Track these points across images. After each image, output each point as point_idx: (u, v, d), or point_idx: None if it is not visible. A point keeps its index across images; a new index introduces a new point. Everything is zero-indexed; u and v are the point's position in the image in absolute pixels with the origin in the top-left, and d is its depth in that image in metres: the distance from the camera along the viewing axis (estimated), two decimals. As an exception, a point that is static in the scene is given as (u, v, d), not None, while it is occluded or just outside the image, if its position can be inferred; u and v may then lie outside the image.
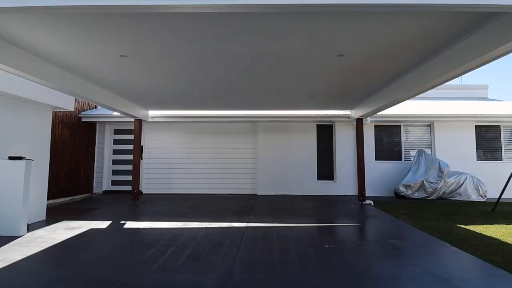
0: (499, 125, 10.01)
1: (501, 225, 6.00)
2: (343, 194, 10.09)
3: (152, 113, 9.80)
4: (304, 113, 9.78)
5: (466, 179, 9.02)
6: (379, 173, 9.96)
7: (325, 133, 10.52)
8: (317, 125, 10.47)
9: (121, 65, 5.15)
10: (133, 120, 9.02)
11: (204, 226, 5.86)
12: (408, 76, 5.43)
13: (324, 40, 4.05)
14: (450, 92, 13.27)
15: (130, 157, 10.22)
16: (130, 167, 10.20)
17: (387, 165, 10.06)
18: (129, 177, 10.28)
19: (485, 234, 5.36)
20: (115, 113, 9.69)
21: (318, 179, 10.27)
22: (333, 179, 10.29)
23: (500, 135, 10.00)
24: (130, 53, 4.60)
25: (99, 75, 5.78)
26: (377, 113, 8.36)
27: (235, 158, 10.58)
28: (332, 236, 5.26)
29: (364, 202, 8.35)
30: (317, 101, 7.90)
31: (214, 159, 10.58)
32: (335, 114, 9.65)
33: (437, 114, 9.59)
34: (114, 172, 10.76)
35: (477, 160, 9.91)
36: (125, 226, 5.85)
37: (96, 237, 5.12)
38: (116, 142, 10.86)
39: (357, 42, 4.12)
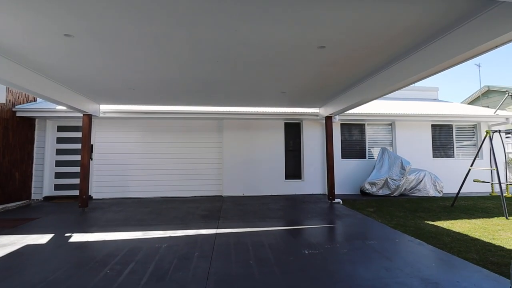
0: (452, 125, 10.66)
1: (463, 220, 6.21)
2: (311, 193, 9.97)
3: (104, 107, 8.71)
4: (272, 111, 9.44)
5: (425, 175, 9.43)
6: (345, 171, 10.01)
7: (292, 131, 10.32)
8: (285, 123, 10.22)
9: (67, 47, 4.28)
10: (81, 115, 7.90)
11: (168, 235, 5.18)
12: (383, 73, 5.31)
13: (306, 28, 3.68)
14: (405, 93, 13.92)
15: (77, 157, 9.03)
16: (77, 169, 9.00)
17: (353, 163, 10.16)
18: (76, 181, 9.09)
19: (453, 230, 5.47)
20: (59, 107, 8.46)
21: (286, 179, 10.02)
22: (301, 178, 10.12)
23: (453, 134, 10.67)
24: (77, 32, 3.79)
25: (39, 60, 4.80)
26: (343, 112, 8.30)
27: (199, 158, 9.89)
28: (310, 240, 4.95)
29: (333, 201, 8.26)
30: (289, 97, 7.58)
31: (176, 159, 9.78)
32: (303, 112, 9.47)
33: (398, 114, 9.90)
34: (58, 175, 9.41)
35: (433, 157, 10.45)
36: (71, 240, 4.94)
37: (33, 256, 4.19)
38: (60, 140, 9.51)
39: (342, 33, 3.81)
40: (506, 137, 12.49)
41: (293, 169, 10.20)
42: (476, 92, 18.04)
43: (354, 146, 10.39)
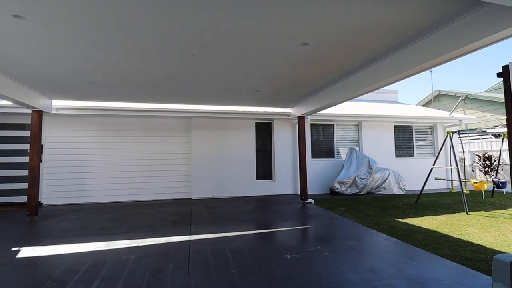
0: (412, 126, 11.29)
1: (429, 216, 6.50)
2: (282, 193, 9.90)
3: (57, 103, 7.80)
4: (243, 110, 9.20)
5: (389, 174, 9.83)
6: (315, 171, 10.09)
7: (263, 131, 10.16)
8: (256, 122, 10.03)
9: (15, 31, 3.63)
10: (30, 111, 6.96)
11: (135, 244, 4.69)
12: (360, 73, 5.35)
13: (291, 22, 3.49)
14: (368, 95, 14.44)
15: (24, 159, 8.02)
16: (24, 172, 7.96)
17: (322, 163, 10.28)
18: (24, 185, 8.05)
19: (423, 226, 5.67)
20: (3, 102, 7.40)
21: (257, 179, 9.84)
22: (272, 179, 10.00)
23: (412, 134, 11.30)
24: (29, 13, 3.21)
25: (-26, 44, 4.05)
26: (316, 112, 8.32)
27: (166, 159, 9.31)
28: (290, 243, 4.79)
29: (306, 201, 8.24)
30: (263, 96, 7.39)
31: (140, 160, 9.10)
32: (275, 112, 9.36)
33: (365, 114, 10.22)
34: (1, 179, 8.25)
35: (396, 156, 10.97)
36: (19, 256, 4.24)
37: (-31, 279, 3.49)
38: (3, 140, 8.35)
39: (327, 30, 3.69)
40: (463, 136, 13.52)
41: (264, 170, 10.05)
42: (428, 96, 19.46)
43: (324, 146, 10.53)
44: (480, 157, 12.52)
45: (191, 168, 9.41)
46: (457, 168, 7.17)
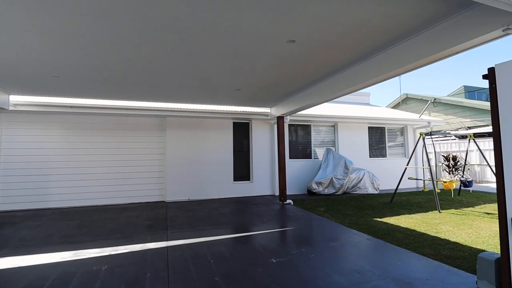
0: (384, 127, 11.66)
1: (405, 215, 6.67)
2: (260, 194, 9.77)
3: (16, 99, 7.07)
4: (221, 109, 8.94)
5: (364, 174, 10.05)
6: (293, 172, 10.07)
7: (241, 131, 9.97)
8: (234, 122, 9.81)
9: (-39, 11, 3.15)
10: (-18, 107, 6.24)
11: (107, 253, 4.30)
12: (343, 73, 5.34)
13: (279, 18, 3.34)
14: (342, 97, 14.82)
15: (-24, 160, 7.19)
16: (-25, 175, 7.14)
17: (300, 163, 10.29)
18: (-26, 190, 7.21)
19: (401, 225, 5.78)
20: None
21: (234, 180, 9.62)
22: (249, 180, 9.83)
23: (385, 135, 11.67)
24: (-19, -11, 2.78)
25: None
26: (296, 112, 8.28)
27: (138, 160, 8.82)
28: (273, 246, 4.64)
29: (285, 202, 8.16)
30: (243, 95, 7.19)
31: (110, 161, 8.53)
32: (253, 112, 9.20)
33: (342, 116, 10.37)
34: None
35: (370, 157, 11.26)
36: (-32, 271, 3.71)
37: None
38: (-51, 139, 7.44)
39: (315, 27, 3.59)
40: (434, 138, 14.19)
41: (242, 170, 9.86)
42: (397, 99, 20.37)
43: (301, 146, 10.55)
44: (445, 157, 13.22)
45: (166, 169, 8.99)
46: (429, 168, 7.46)
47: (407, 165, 8.25)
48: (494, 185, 10.96)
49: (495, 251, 4.21)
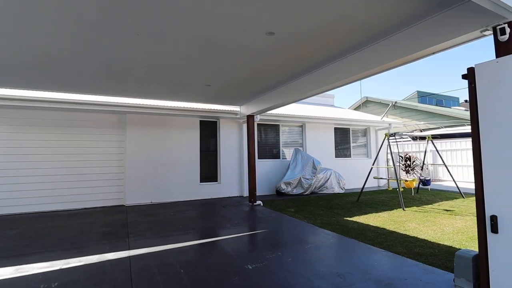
0: (349, 128, 11.99)
1: (373, 214, 6.81)
2: (228, 195, 9.44)
3: None
4: (187, 106, 8.46)
5: (331, 174, 10.21)
6: (261, 172, 9.89)
7: (208, 130, 9.56)
8: (201, 121, 9.36)
9: None
10: None
11: (57, 267, 3.71)
12: (319, 71, 5.24)
13: (261, 5, 3.09)
14: (308, 98, 15.05)
15: None
16: None
17: (268, 164, 10.14)
18: None
19: (371, 224, 5.85)
20: None
21: (201, 182, 9.18)
22: (217, 181, 9.45)
23: (350, 136, 12.00)
24: None
25: None
26: (266, 111, 8.10)
27: (93, 160, 8.00)
28: (247, 251, 4.38)
29: (255, 204, 7.93)
30: (212, 92, 6.81)
31: (61, 162, 7.63)
32: (222, 110, 8.85)
33: (310, 116, 10.43)
34: None
35: (336, 157, 11.49)
36: None
37: None
38: None
39: (296, 19, 3.38)
40: (397, 139, 14.87)
41: (209, 171, 9.45)
42: (357, 102, 21.27)
43: (270, 146, 10.42)
44: (402, 157, 13.99)
45: (125, 170, 8.28)
46: (394, 167, 7.73)
47: (373, 164, 8.50)
48: (447, 183, 11.82)
49: (461, 247, 4.38)
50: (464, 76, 3.03)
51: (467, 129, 13.08)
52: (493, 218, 2.70)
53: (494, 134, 2.70)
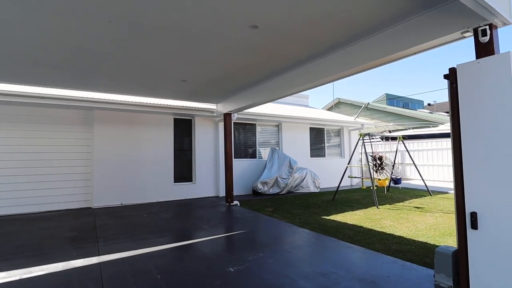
0: (324, 128, 12.18)
1: (349, 212, 6.92)
2: (204, 196, 9.17)
3: None
4: (161, 103, 8.10)
5: (307, 173, 10.29)
6: (238, 171, 9.72)
7: (183, 128, 9.22)
8: (175, 118, 9.01)
9: None
10: None
11: (16, 277, 3.32)
12: (300, 69, 5.20)
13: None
14: (283, 98, 15.11)
15: None
16: None
17: (245, 163, 10.01)
18: None
19: (348, 222, 5.92)
20: None
21: (175, 182, 8.83)
22: (192, 181, 9.15)
23: (324, 136, 12.20)
24: None
25: None
26: (244, 110, 7.96)
27: (56, 159, 7.40)
28: (227, 253, 4.22)
29: (232, 204, 7.76)
30: (188, 88, 6.54)
31: (18, 162, 6.96)
32: (197, 107, 8.57)
33: (286, 115, 10.44)
34: None
35: (311, 157, 11.62)
36: None
37: None
38: None
39: (283, 12, 3.29)
40: (371, 139, 15.27)
41: (184, 171, 9.12)
42: (330, 103, 21.79)
43: (246, 146, 10.30)
44: (373, 157, 14.50)
45: (93, 170, 7.74)
46: (369, 167, 7.94)
47: (349, 164, 8.68)
48: (414, 182, 12.40)
49: (436, 243, 4.53)
50: (445, 76, 3.10)
51: (433, 130, 13.86)
52: (473, 215, 2.78)
53: (475, 132, 2.77)
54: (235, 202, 7.84)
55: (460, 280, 2.94)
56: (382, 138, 15.38)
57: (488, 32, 2.74)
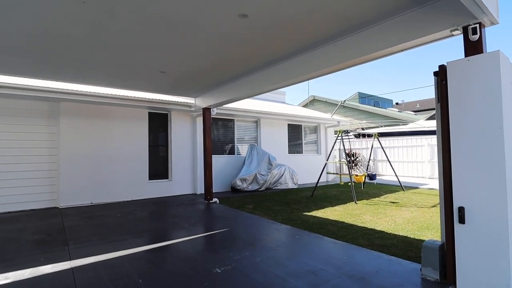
0: (301, 125, 12.25)
1: (329, 208, 6.99)
2: (181, 193, 8.86)
3: None
4: (135, 95, 7.65)
5: (285, 170, 10.29)
6: (216, 168, 9.44)
7: (158, 123, 8.82)
8: (150, 113, 8.58)
9: None
10: None
11: (-28, 289, 2.93)
12: (287, 63, 5.08)
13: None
14: (260, 95, 15.02)
15: None
16: None
17: (223, 160, 9.79)
18: None
19: (330, 218, 5.97)
20: None
21: (150, 179, 8.43)
22: (168, 178, 8.80)
23: (302, 133, 12.28)
24: None
25: None
26: (225, 104, 7.73)
27: (18, 155, 6.75)
28: (211, 253, 4.05)
29: (211, 201, 7.54)
30: (166, 80, 6.20)
31: (-29, 157, 6.25)
32: (174, 101, 8.22)
33: (265, 111, 10.35)
34: None
35: (289, 153, 11.65)
36: None
37: None
38: None
39: (275, 0, 3.16)
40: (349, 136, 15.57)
41: (159, 168, 8.74)
42: (305, 100, 22.07)
43: (224, 142, 10.08)
44: (347, 154, 14.87)
45: (59, 167, 7.16)
46: (347, 163, 8.08)
47: (327, 160, 8.78)
48: (386, 178, 12.88)
49: (415, 237, 4.67)
50: (435, 73, 3.14)
51: (403, 128, 14.47)
52: (461, 210, 2.84)
53: (464, 128, 2.82)
54: (214, 199, 7.64)
55: (446, 273, 3.02)
56: (359, 135, 15.81)
57: (478, 30, 2.79)
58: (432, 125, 13.55)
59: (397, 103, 28.86)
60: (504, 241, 2.58)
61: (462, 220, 2.83)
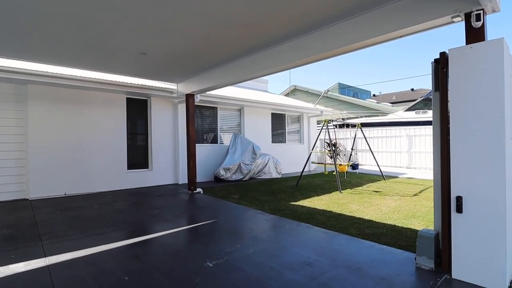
0: (285, 114, 12.14)
1: (315, 197, 6.98)
2: (162, 184, 8.52)
3: None
4: (112, 79, 7.14)
5: (269, 159, 10.19)
6: (198, 157, 9.15)
7: (137, 109, 8.35)
8: (128, 98, 8.08)
9: None
10: None
11: None
12: (272, 50, 4.88)
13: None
14: (243, 82, 14.70)
15: None
16: None
17: (206, 149, 9.51)
18: None
19: (318, 208, 5.94)
20: None
21: (129, 169, 8.01)
22: (148, 167, 8.41)
23: (285, 122, 12.18)
24: None
25: None
26: (209, 91, 7.41)
27: (-20, 142, 6.12)
28: (201, 245, 3.86)
29: (195, 192, 7.29)
30: (147, 62, 5.78)
31: None
32: (155, 86, 7.78)
33: (249, 99, 10.11)
34: None
35: (272, 142, 11.53)
36: None
37: None
38: None
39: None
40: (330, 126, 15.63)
41: (139, 157, 8.33)
42: (286, 89, 21.97)
43: (207, 130, 9.77)
44: (328, 144, 15.03)
45: (28, 155, 6.59)
46: (332, 152, 8.08)
47: (312, 150, 8.75)
48: (366, 167, 13.15)
49: (403, 225, 4.72)
50: (436, 61, 3.07)
51: (383, 119, 14.78)
52: (459, 199, 2.83)
53: (464, 117, 2.78)
54: (198, 189, 7.40)
55: (441, 262, 3.03)
56: (342, 125, 15.95)
57: (482, 17, 2.72)
58: (411, 116, 13.93)
59: (374, 95, 29.53)
60: (502, 230, 2.59)
61: (459, 210, 2.82)
